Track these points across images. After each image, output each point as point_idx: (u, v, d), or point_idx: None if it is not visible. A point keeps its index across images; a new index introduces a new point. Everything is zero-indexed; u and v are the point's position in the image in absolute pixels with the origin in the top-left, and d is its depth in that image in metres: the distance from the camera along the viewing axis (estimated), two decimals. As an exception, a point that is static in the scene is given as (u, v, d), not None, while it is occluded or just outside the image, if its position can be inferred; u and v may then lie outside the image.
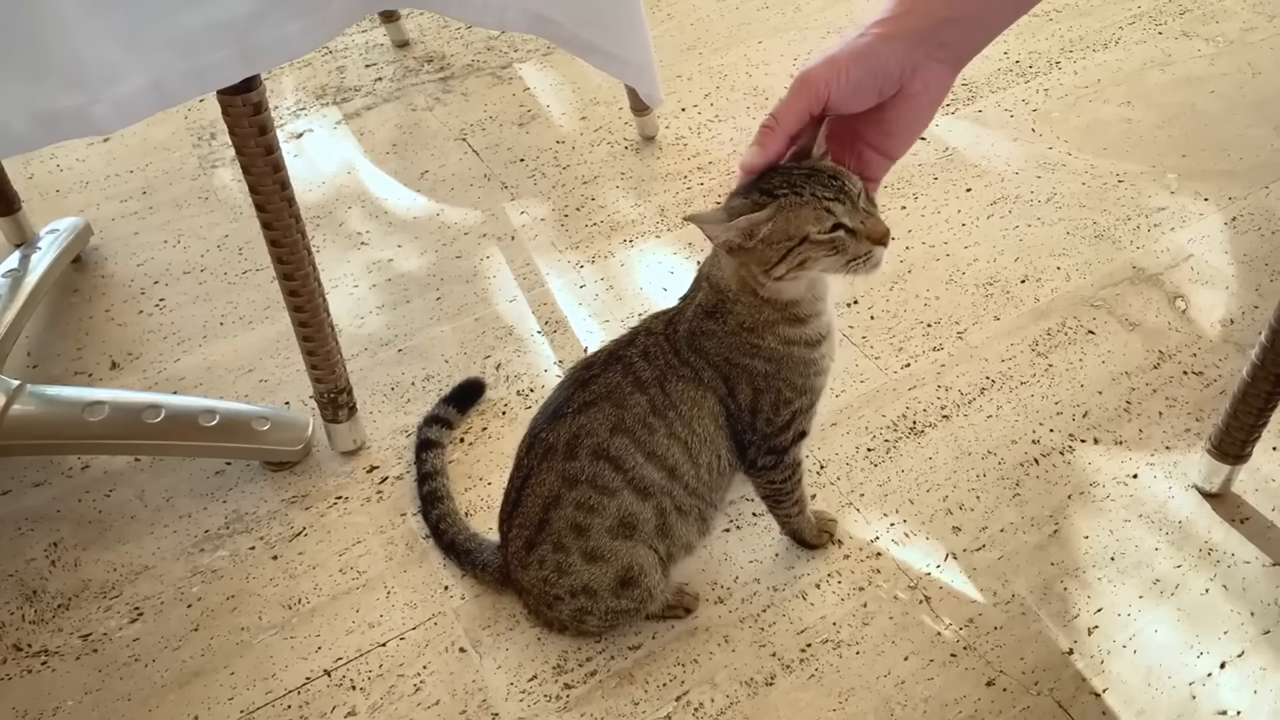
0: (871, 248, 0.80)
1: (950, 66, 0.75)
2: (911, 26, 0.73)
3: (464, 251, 1.48)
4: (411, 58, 1.88)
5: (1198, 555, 1.07)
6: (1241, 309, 1.34)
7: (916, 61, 0.73)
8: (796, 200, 0.78)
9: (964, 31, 0.74)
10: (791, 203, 0.78)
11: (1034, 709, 0.95)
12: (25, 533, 1.13)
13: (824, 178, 0.79)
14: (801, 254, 0.80)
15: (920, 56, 0.73)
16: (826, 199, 0.78)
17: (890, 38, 0.73)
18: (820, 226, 0.78)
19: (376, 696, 0.98)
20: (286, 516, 1.14)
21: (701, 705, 0.97)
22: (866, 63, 0.73)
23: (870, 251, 0.80)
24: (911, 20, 0.73)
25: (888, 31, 0.73)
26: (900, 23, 0.73)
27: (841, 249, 0.80)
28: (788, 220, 0.79)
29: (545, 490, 0.92)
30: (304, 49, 0.88)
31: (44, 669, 1.01)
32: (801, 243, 0.79)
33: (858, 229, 0.79)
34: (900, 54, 0.72)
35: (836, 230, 0.79)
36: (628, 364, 0.91)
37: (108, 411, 1.14)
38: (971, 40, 0.75)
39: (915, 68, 0.73)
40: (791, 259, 0.80)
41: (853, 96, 0.74)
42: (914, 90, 0.74)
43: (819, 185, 0.78)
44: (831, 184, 0.78)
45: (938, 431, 1.20)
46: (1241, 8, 1.92)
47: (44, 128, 0.78)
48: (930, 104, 0.76)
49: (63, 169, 1.65)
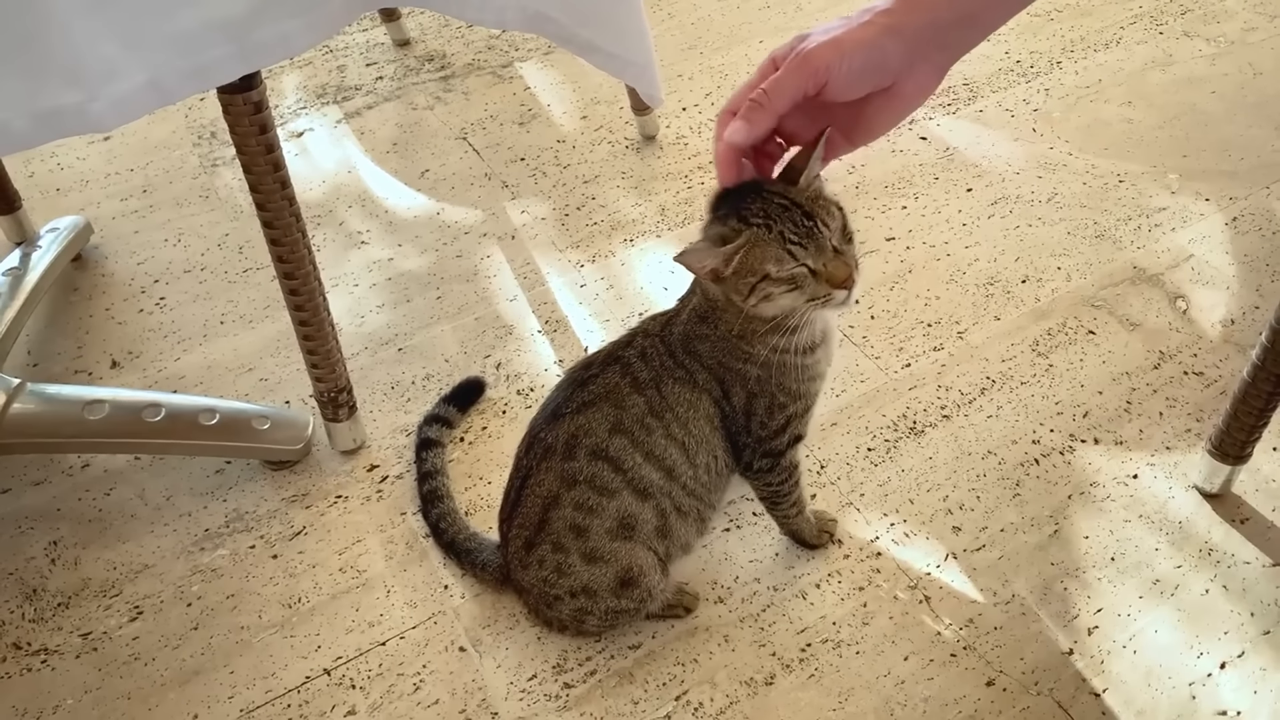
0: (831, 291, 0.80)
1: (943, 69, 0.73)
2: (917, 24, 0.70)
3: (464, 250, 1.48)
4: (412, 56, 1.88)
5: (1198, 555, 1.07)
6: (1242, 309, 1.34)
7: (915, 61, 0.71)
8: (765, 236, 0.78)
9: (964, 32, 0.72)
10: (760, 238, 0.79)
11: (1034, 709, 0.95)
12: (25, 531, 1.13)
13: (798, 215, 0.78)
14: (764, 289, 0.80)
15: (919, 57, 0.71)
16: (791, 241, 0.78)
17: (896, 32, 0.70)
18: (779, 268, 0.79)
19: (376, 695, 0.98)
20: (286, 515, 1.14)
21: (701, 705, 0.97)
22: (870, 54, 0.70)
23: (830, 294, 0.80)
24: (917, 17, 0.70)
25: (894, 24, 0.70)
26: (906, 17, 0.70)
27: (801, 287, 0.80)
28: (752, 256, 0.79)
29: (544, 490, 0.92)
30: (303, 46, 0.88)
31: (44, 667, 1.01)
32: (763, 279, 0.80)
33: (819, 271, 0.80)
34: (903, 51, 0.71)
35: (799, 268, 0.79)
36: (626, 365, 0.91)
37: (108, 410, 1.14)
38: (968, 41, 0.73)
39: (912, 67, 0.71)
40: (757, 292, 0.81)
41: (849, 86, 0.71)
42: (905, 90, 0.73)
43: (790, 224, 0.78)
44: (803, 225, 0.78)
45: (938, 431, 1.20)
46: (1242, 8, 1.92)
47: (43, 125, 0.78)
48: (914, 104, 0.74)
49: (63, 167, 1.65)
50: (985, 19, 0.72)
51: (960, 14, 0.71)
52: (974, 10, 0.71)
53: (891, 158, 1.61)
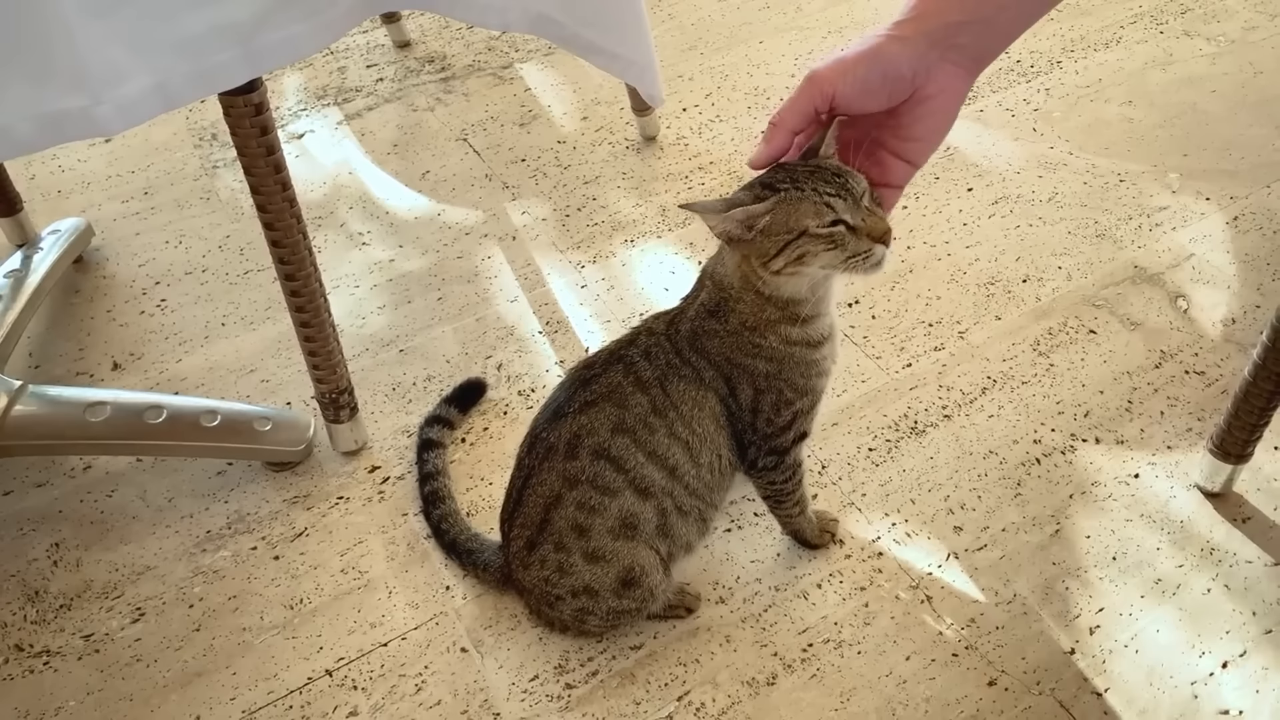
0: (872, 245, 0.80)
1: (967, 70, 0.74)
2: (924, 29, 0.73)
3: (465, 251, 1.48)
4: (413, 58, 1.88)
5: (1199, 555, 1.07)
6: (1243, 308, 1.34)
7: (930, 63, 0.73)
8: (797, 195, 0.78)
9: (978, 35, 0.73)
10: (792, 197, 0.79)
11: (1035, 709, 0.95)
12: (27, 533, 1.14)
13: (827, 174, 0.79)
14: (800, 247, 0.80)
15: (934, 59, 0.73)
16: (828, 194, 0.78)
17: (902, 39, 0.73)
18: (819, 220, 0.78)
19: (378, 696, 0.98)
20: (288, 517, 1.14)
21: (703, 705, 0.97)
22: (874, 63, 0.73)
23: (870, 249, 0.80)
24: (924, 23, 0.73)
25: (900, 33, 0.73)
26: (913, 25, 0.73)
27: (841, 244, 0.80)
28: (787, 213, 0.79)
29: (546, 490, 0.92)
30: (308, 51, 0.88)
31: (46, 669, 1.02)
32: (800, 236, 0.79)
33: (858, 226, 0.79)
34: (911, 55, 0.72)
35: (836, 225, 0.79)
36: (629, 364, 0.91)
37: (109, 412, 1.14)
38: (987, 43, 0.74)
39: (929, 70, 0.73)
40: (790, 252, 0.80)
41: (860, 96, 0.74)
42: (929, 93, 0.74)
43: (821, 181, 0.78)
44: (834, 180, 0.79)
45: (939, 431, 1.20)
46: (1243, 7, 1.92)
47: (48, 129, 0.78)
48: (948, 107, 0.76)
49: (65, 170, 1.65)
50: (1000, 22, 0.74)
51: (971, 15, 0.73)
52: (986, 13, 0.73)
53: (892, 158, 1.61)
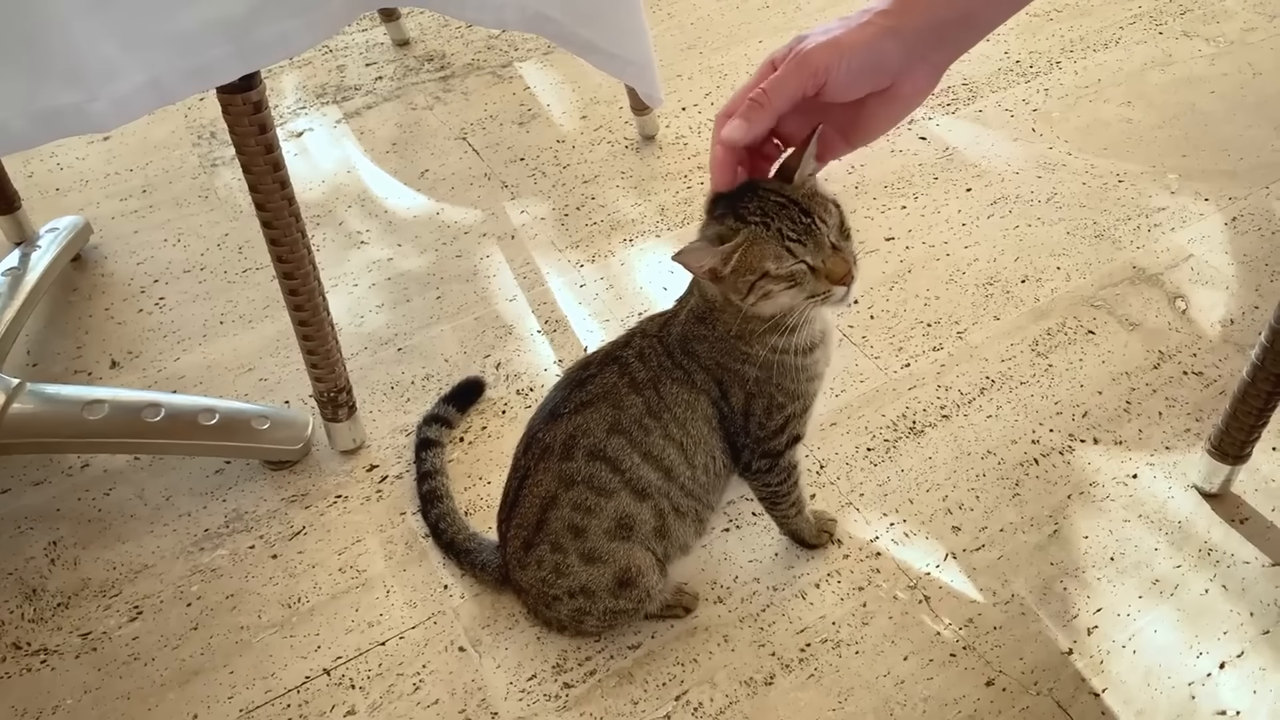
0: (830, 287, 0.80)
1: (940, 69, 0.73)
2: (915, 25, 0.71)
3: (464, 250, 1.48)
4: (412, 56, 1.88)
5: (1197, 555, 1.07)
6: (1241, 309, 1.34)
7: (913, 62, 0.71)
8: (763, 233, 0.78)
9: (962, 32, 0.72)
10: (758, 235, 0.79)
11: (1033, 709, 0.95)
12: (25, 531, 1.13)
13: (795, 212, 0.78)
14: (763, 287, 0.80)
15: (917, 57, 0.71)
16: (790, 238, 0.78)
17: (895, 33, 0.71)
18: (778, 265, 0.79)
19: (376, 695, 0.98)
20: (286, 515, 1.14)
21: (701, 705, 0.97)
22: (870, 54, 0.71)
23: (829, 290, 0.80)
24: (915, 18, 0.71)
25: (893, 25, 0.71)
26: (904, 18, 0.71)
27: (801, 284, 0.80)
28: (751, 254, 0.79)
29: (542, 491, 0.92)
30: (303, 46, 0.88)
31: (43, 667, 1.01)
32: (762, 277, 0.80)
33: (818, 268, 0.80)
34: (901, 52, 0.71)
35: (797, 266, 0.79)
36: (624, 365, 0.91)
37: (107, 410, 1.14)
38: (966, 41, 0.73)
39: (910, 68, 0.72)
40: (756, 290, 0.80)
41: (848, 86, 0.72)
42: (904, 91, 0.73)
43: (787, 221, 0.78)
44: (801, 221, 0.78)
45: (937, 431, 1.20)
46: (1242, 8, 1.92)
47: (43, 125, 0.78)
48: (912, 104, 0.74)
49: (63, 167, 1.65)
50: (984, 18, 0.72)
51: (960, 13, 0.71)
52: (973, 9, 0.71)
53: (891, 158, 1.61)
